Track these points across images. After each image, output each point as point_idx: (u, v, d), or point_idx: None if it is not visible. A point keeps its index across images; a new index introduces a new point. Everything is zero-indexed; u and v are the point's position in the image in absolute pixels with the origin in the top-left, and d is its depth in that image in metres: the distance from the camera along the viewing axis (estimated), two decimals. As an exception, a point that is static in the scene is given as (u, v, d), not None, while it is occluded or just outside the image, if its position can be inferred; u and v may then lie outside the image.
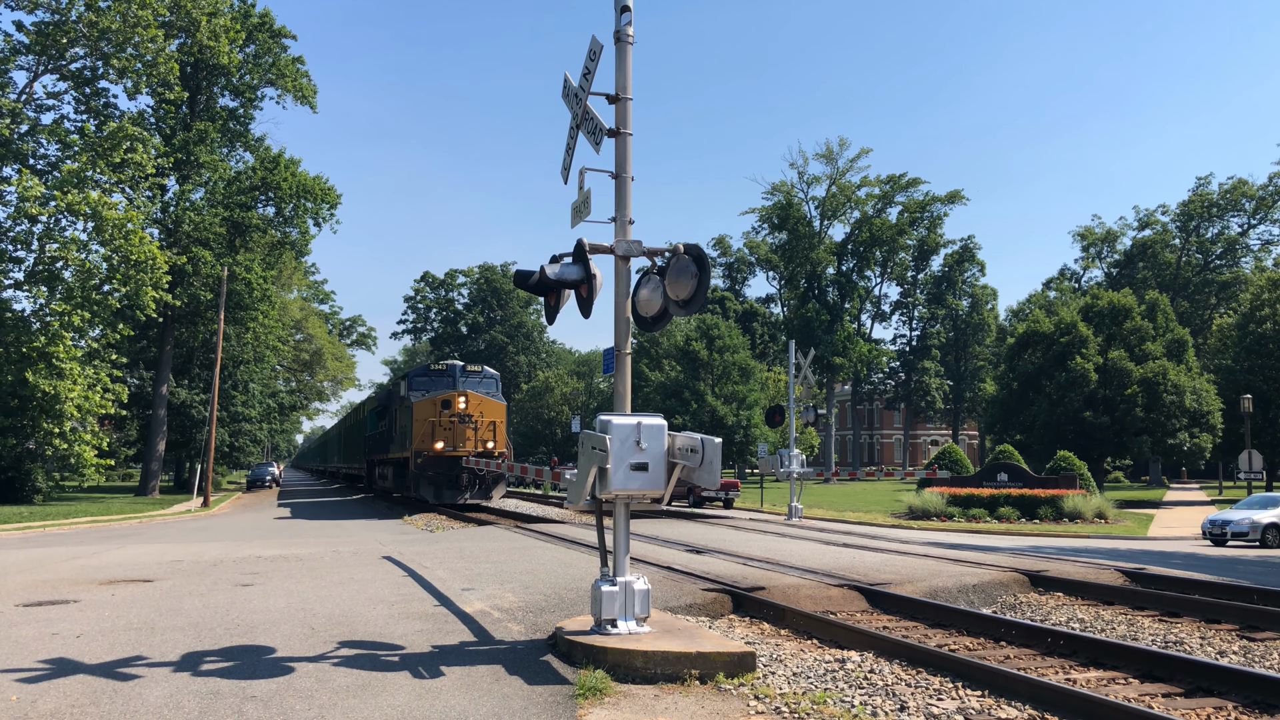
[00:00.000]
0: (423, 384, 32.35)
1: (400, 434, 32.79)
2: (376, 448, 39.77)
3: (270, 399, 64.19)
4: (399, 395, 33.77)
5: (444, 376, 32.51)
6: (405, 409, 31.87)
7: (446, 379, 32.34)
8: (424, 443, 30.01)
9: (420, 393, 31.62)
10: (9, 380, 32.47)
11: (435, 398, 30.69)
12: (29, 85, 39.16)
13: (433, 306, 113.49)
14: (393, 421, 35.17)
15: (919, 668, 7.79)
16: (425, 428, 30.13)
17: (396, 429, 33.99)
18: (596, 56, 8.89)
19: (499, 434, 30.95)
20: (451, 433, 30.06)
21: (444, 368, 33.13)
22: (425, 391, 31.69)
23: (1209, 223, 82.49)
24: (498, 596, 11.08)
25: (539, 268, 9.00)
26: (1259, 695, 6.88)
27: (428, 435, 30.05)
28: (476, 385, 32.23)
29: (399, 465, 33.50)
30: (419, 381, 32.56)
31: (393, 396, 36.58)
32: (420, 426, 30.16)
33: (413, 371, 33.65)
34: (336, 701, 6.58)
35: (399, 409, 33.35)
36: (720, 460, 7.91)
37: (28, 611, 10.44)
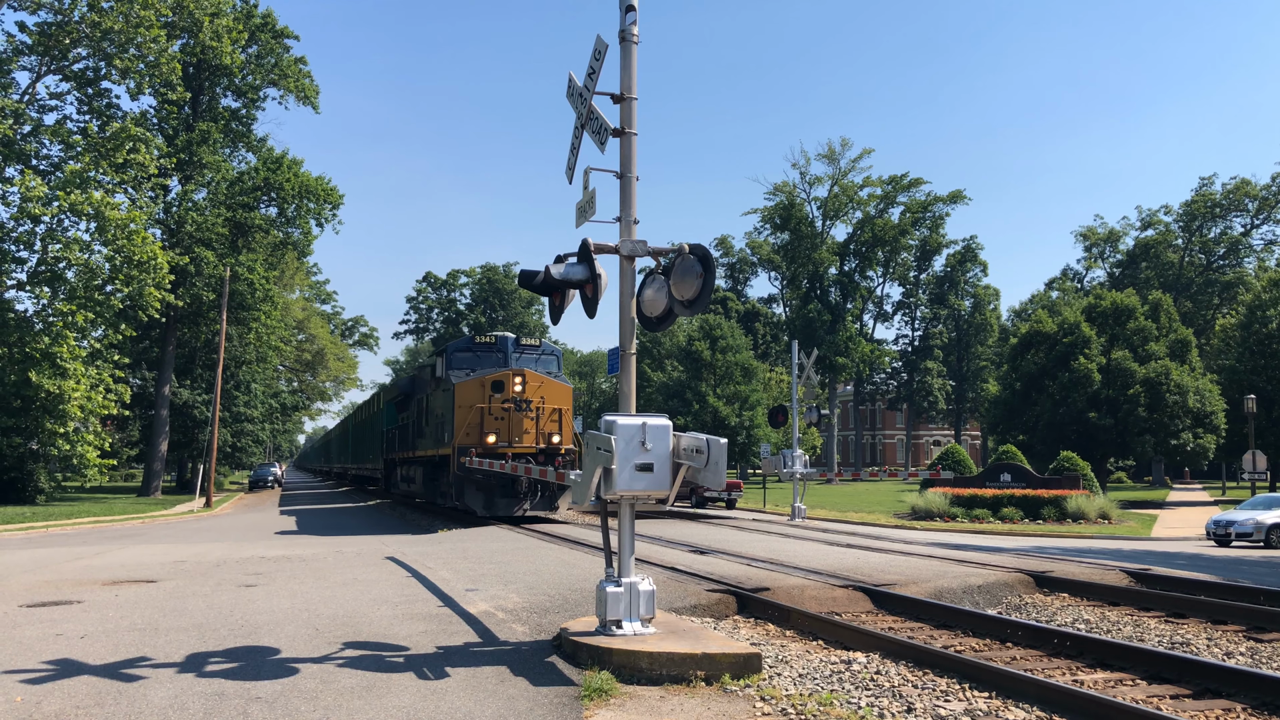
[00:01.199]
0: (465, 360, 25.73)
1: (435, 426, 26.33)
2: (397, 445, 33.93)
3: (272, 399, 64.27)
4: (432, 377, 27.25)
5: (493, 352, 25.93)
6: (443, 394, 25.28)
7: (496, 355, 25.81)
8: (470, 436, 23.54)
9: (463, 371, 25.11)
10: (12, 380, 32.49)
11: (484, 378, 24.14)
12: (32, 86, 39.20)
13: (435, 307, 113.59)
14: (422, 411, 28.68)
15: (925, 669, 7.76)
16: (471, 417, 23.62)
17: (429, 420, 27.50)
18: (601, 56, 8.88)
19: (565, 425, 24.27)
20: (506, 423, 23.62)
21: (492, 340, 26.32)
22: (469, 370, 25.21)
23: (1212, 223, 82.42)
24: (502, 597, 11.05)
25: (544, 268, 8.98)
26: (1267, 697, 6.85)
27: (475, 427, 23.59)
28: (534, 363, 25.74)
29: (432, 466, 26.98)
30: (461, 358, 25.85)
31: (418, 383, 30.91)
32: (465, 415, 23.62)
33: (452, 345, 26.55)
34: (341, 702, 6.56)
35: (433, 395, 26.86)
36: (725, 461, 7.89)
37: (31, 612, 10.43)
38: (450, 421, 24.06)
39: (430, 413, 27.24)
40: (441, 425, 25.21)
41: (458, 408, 23.63)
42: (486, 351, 25.83)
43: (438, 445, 25.67)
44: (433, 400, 26.79)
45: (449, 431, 24.19)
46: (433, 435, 26.51)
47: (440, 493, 26.57)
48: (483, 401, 23.63)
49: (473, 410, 23.58)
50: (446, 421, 24.56)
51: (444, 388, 25.20)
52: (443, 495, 26.20)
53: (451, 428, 23.91)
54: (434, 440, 26.29)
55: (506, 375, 23.94)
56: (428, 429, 27.51)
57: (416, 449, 29.34)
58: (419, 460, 29.26)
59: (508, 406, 23.53)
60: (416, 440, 29.40)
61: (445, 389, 24.97)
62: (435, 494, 27.37)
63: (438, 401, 25.98)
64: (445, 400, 24.87)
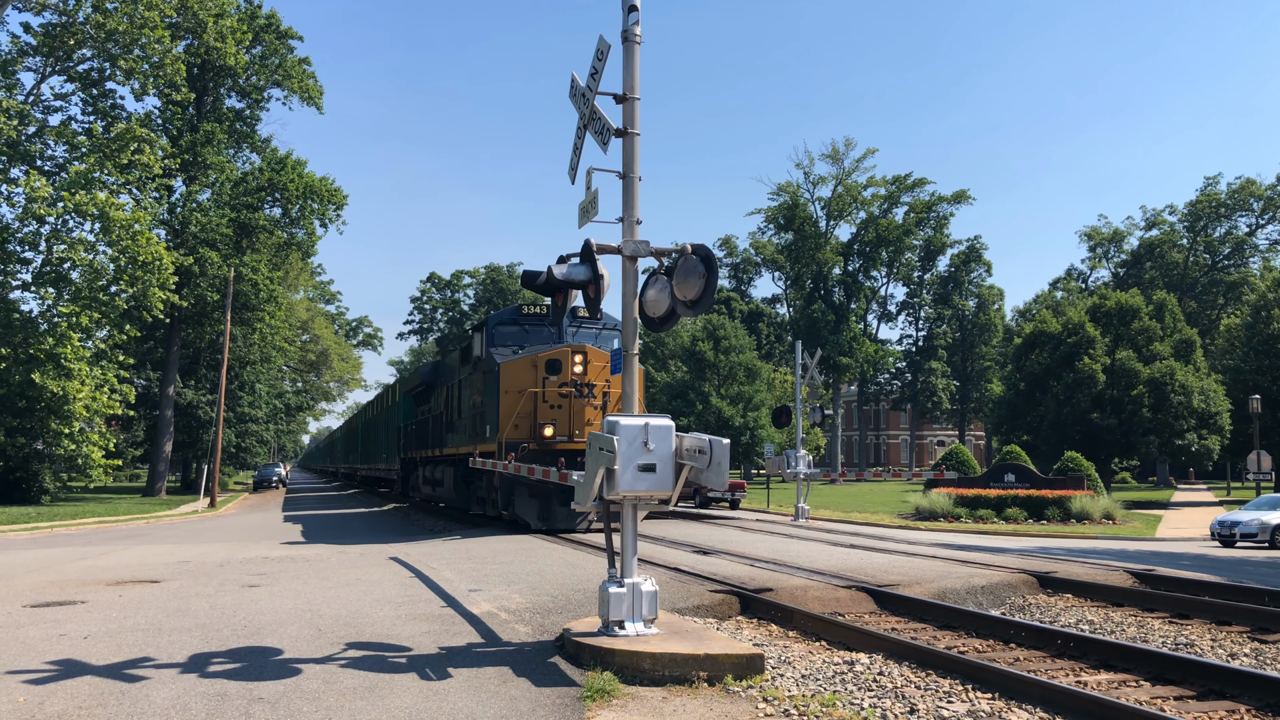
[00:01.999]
0: (510, 336, 21.48)
1: (471, 417, 22.08)
2: (417, 442, 29.88)
3: (277, 399, 64.38)
4: (465, 360, 23.36)
5: (544, 325, 21.78)
6: (483, 377, 21.05)
7: (548, 329, 21.67)
8: (520, 429, 19.52)
9: (509, 348, 20.93)
10: (17, 381, 32.57)
11: (536, 356, 19.95)
12: (36, 87, 39.28)
13: (439, 307, 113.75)
14: (452, 401, 24.46)
15: (928, 670, 7.74)
16: (522, 404, 19.39)
17: (462, 411, 23.26)
18: (604, 56, 8.88)
19: None
20: (565, 413, 19.52)
21: (543, 311, 21.99)
22: (517, 347, 21.18)
23: (1217, 223, 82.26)
24: (505, 598, 11.05)
25: (546, 268, 8.99)
26: (1271, 698, 6.83)
27: (527, 417, 19.43)
28: (594, 339, 21.47)
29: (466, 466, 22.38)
30: (505, 333, 21.51)
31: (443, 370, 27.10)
32: (513, 403, 19.41)
33: (494, 318, 22.06)
34: (344, 703, 6.56)
35: (468, 380, 22.69)
36: (728, 461, 7.88)
37: (35, 612, 10.45)
38: (493, 411, 19.77)
39: (464, 402, 22.95)
40: (480, 416, 20.88)
41: (504, 394, 19.37)
42: (536, 325, 21.50)
43: (475, 440, 21.40)
44: (467, 386, 22.65)
45: (491, 423, 19.93)
46: (468, 428, 22.26)
47: (478, 498, 22.82)
48: (535, 385, 19.54)
49: (523, 397, 19.22)
50: (488, 411, 20.25)
51: (484, 369, 20.82)
52: (481, 501, 22.62)
53: (495, 418, 19.63)
54: (470, 434, 22.01)
55: (565, 353, 19.61)
56: (461, 421, 23.29)
57: (444, 446, 25.29)
58: (447, 460, 25.09)
59: (566, 392, 19.27)
60: (444, 435, 25.35)
61: (486, 371, 20.64)
62: (470, 499, 23.75)
63: (475, 387, 21.79)
64: (486, 385, 20.64)
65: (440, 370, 27.81)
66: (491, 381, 20.16)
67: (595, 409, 19.44)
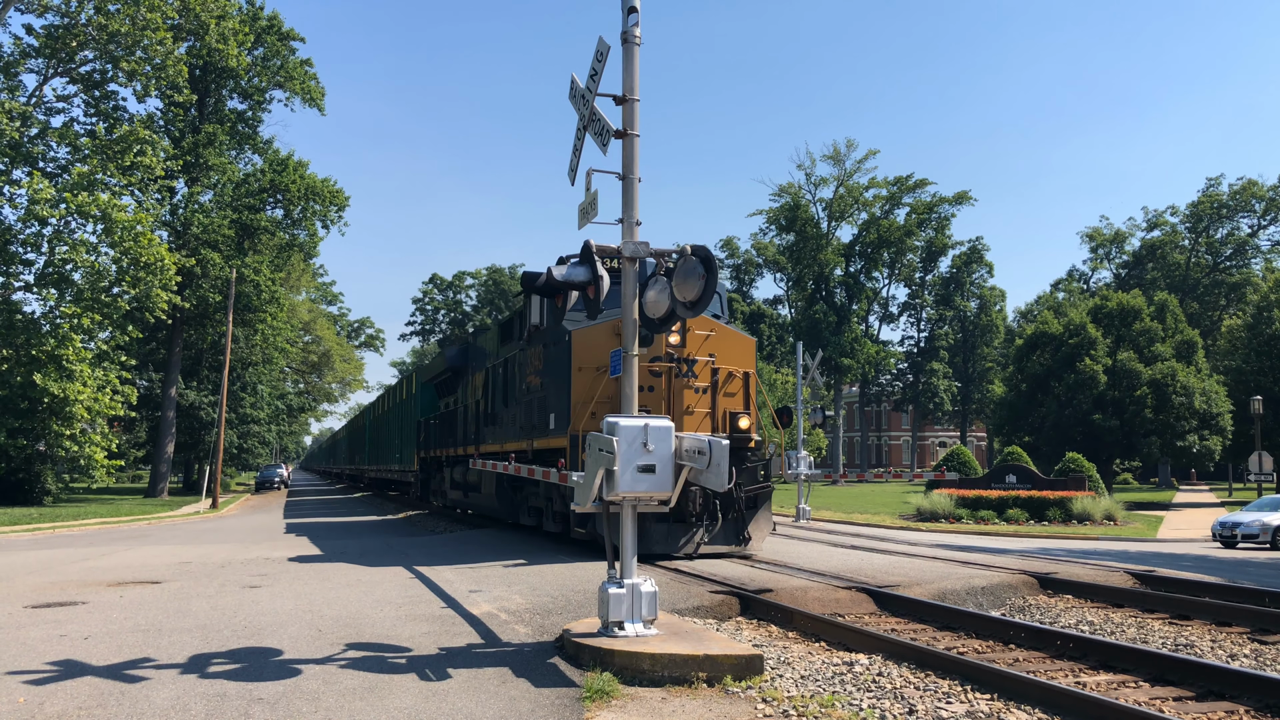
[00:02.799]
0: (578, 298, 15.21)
1: (527, 405, 17.17)
2: (445, 437, 25.08)
3: (279, 400, 64.42)
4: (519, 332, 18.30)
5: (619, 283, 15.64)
6: (547, 350, 16.23)
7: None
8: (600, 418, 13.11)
9: (581, 312, 15.45)
10: (18, 382, 32.62)
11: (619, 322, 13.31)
12: (39, 88, 39.35)
13: (441, 308, 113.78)
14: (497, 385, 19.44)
15: (927, 670, 7.75)
16: (601, 385, 14.58)
17: (510, 397, 18.36)
18: (603, 57, 8.89)
19: (752, 401, 15.63)
20: (659, 396, 14.87)
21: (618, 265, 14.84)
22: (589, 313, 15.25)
23: (1218, 224, 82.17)
24: (505, 599, 11.07)
25: (546, 269, 9.01)
26: (1270, 699, 6.83)
27: (608, 401, 14.52)
28: None
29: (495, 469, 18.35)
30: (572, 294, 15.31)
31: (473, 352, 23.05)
32: (589, 383, 14.73)
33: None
34: (343, 704, 6.58)
35: (524, 356, 17.58)
36: (728, 462, 7.89)
37: (36, 613, 10.47)
38: (561, 395, 15.08)
39: (513, 387, 18.34)
40: (539, 403, 16.13)
41: (576, 372, 14.63)
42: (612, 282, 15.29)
43: (529, 434, 16.71)
44: (519, 366, 17.93)
45: (558, 411, 15.15)
46: (520, 419, 17.47)
47: (529, 508, 17.79)
48: None
49: (602, 376, 14.51)
50: (551, 396, 15.60)
51: (548, 341, 16.15)
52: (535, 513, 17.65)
53: (564, 405, 14.86)
54: (522, 427, 17.27)
55: None
56: (508, 411, 18.55)
57: (482, 442, 20.54)
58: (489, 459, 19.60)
59: (660, 369, 14.62)
60: (481, 430, 20.72)
61: (551, 343, 15.90)
62: (517, 509, 18.69)
63: (531, 366, 17.13)
64: (550, 362, 15.89)
65: (471, 353, 23.61)
66: (559, 356, 15.25)
67: (698, 392, 14.94)
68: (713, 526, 14.72)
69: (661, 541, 14.40)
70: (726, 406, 15.26)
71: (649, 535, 14.36)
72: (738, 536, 14.89)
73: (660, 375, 14.78)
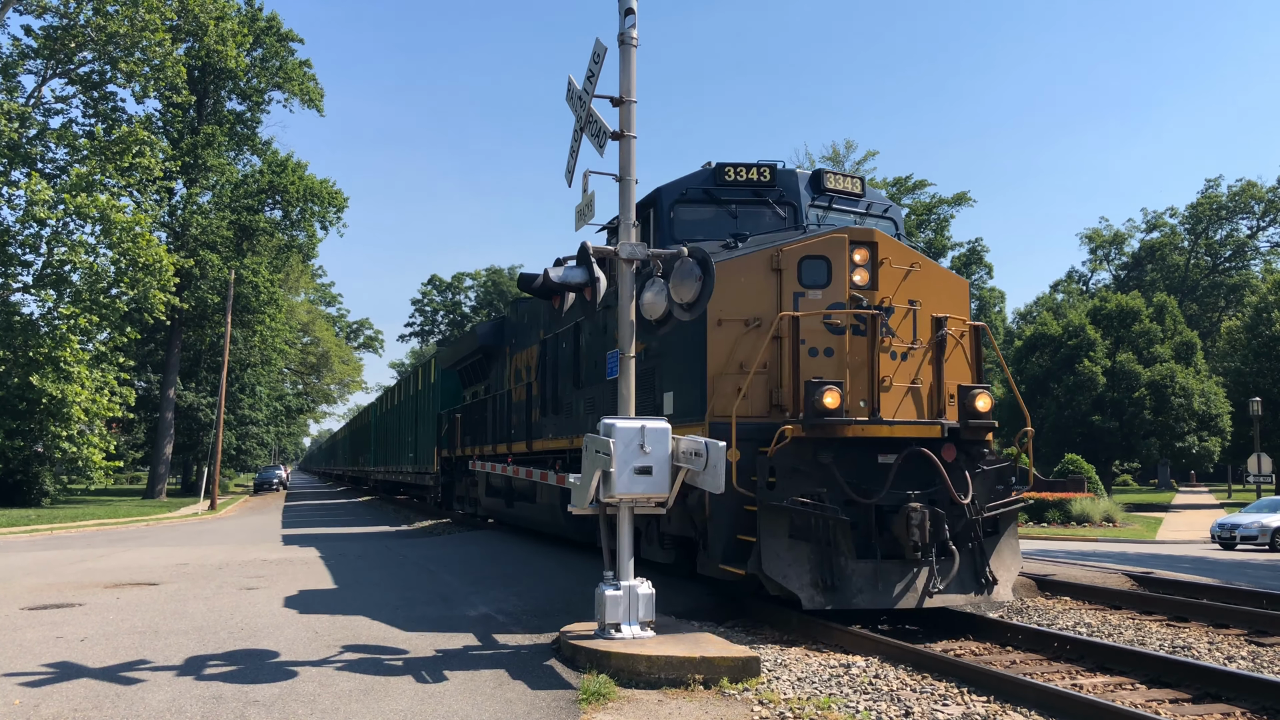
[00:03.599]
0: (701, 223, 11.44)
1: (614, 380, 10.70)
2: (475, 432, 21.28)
3: (277, 402, 64.40)
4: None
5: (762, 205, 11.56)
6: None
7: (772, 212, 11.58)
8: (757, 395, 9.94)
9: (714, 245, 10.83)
10: (16, 383, 32.60)
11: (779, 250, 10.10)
12: (38, 89, 39.37)
13: (440, 309, 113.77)
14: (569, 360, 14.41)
15: (924, 672, 7.74)
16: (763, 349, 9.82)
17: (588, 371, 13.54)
18: (600, 59, 8.89)
19: (972, 365, 10.91)
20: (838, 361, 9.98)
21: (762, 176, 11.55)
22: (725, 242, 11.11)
23: (1217, 225, 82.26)
24: (502, 600, 11.06)
25: (543, 271, 9.01)
26: (1267, 701, 6.82)
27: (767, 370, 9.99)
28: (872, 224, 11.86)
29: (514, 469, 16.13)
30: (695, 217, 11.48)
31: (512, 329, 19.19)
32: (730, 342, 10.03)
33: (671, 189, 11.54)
34: (339, 706, 6.57)
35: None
36: (724, 464, 7.89)
37: (33, 615, 10.46)
38: (690, 361, 10.42)
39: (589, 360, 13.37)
40: (644, 377, 11.21)
41: (714, 327, 9.99)
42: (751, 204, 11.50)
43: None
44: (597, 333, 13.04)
45: (679, 387, 10.71)
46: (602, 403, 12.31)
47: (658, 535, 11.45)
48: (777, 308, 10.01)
49: (756, 333, 9.95)
50: (666, 366, 11.07)
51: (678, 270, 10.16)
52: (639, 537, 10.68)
53: (693, 376, 10.30)
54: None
55: (833, 242, 10.17)
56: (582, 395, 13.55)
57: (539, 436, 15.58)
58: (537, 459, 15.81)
59: (840, 322, 9.99)
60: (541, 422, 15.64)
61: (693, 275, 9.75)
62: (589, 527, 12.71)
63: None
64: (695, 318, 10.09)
65: (508, 330, 19.45)
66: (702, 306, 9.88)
67: (895, 358, 10.11)
68: (947, 566, 9.52)
69: (867, 588, 9.23)
70: (950, 377, 10.39)
71: (847, 579, 9.18)
72: (977, 579, 9.63)
73: (843, 331, 9.83)
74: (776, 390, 9.91)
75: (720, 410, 9.70)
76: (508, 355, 19.32)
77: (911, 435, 9.75)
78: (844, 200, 11.97)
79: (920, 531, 9.20)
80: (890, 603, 9.33)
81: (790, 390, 9.81)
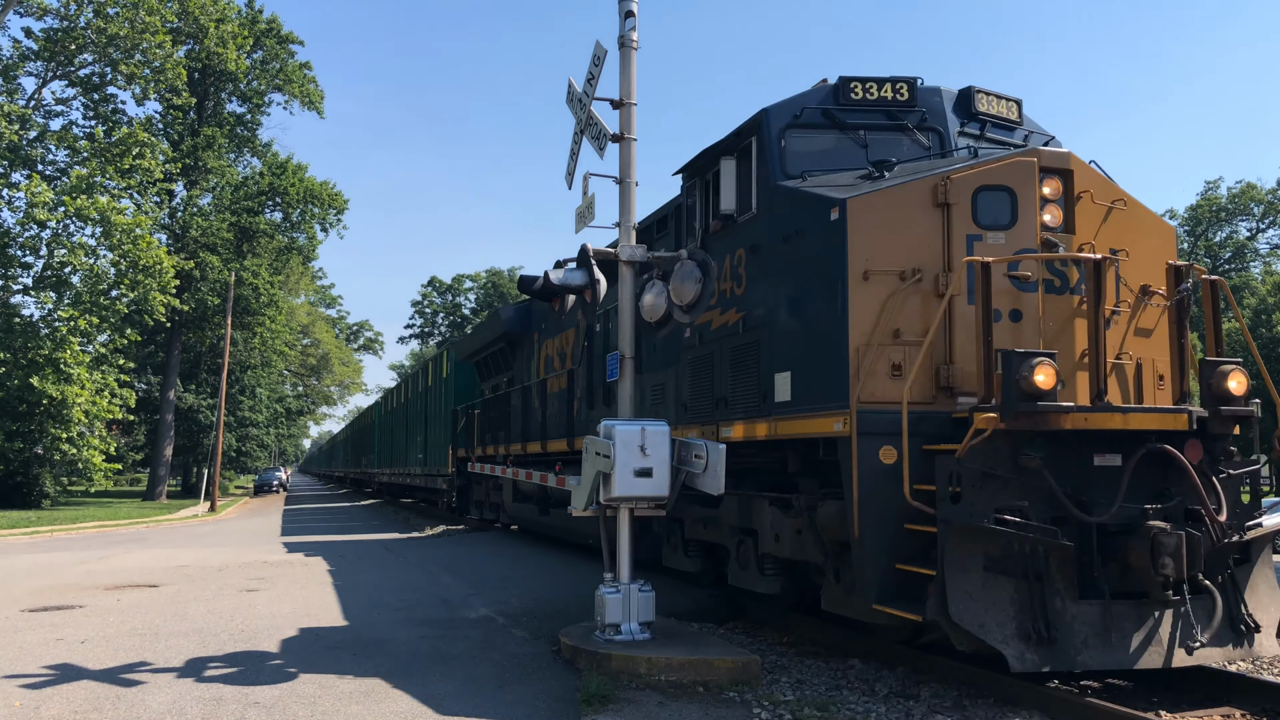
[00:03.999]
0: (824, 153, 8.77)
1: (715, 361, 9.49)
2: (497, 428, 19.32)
3: (277, 404, 64.39)
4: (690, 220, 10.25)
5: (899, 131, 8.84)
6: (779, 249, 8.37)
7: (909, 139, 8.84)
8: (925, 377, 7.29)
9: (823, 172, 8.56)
10: (16, 385, 32.60)
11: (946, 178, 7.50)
12: (38, 91, 39.39)
13: (440, 311, 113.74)
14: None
15: (924, 675, 7.74)
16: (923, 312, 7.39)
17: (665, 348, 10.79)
18: (600, 62, 8.91)
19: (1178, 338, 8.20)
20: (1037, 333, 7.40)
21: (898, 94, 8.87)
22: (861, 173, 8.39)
23: (1217, 227, 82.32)
24: (503, 602, 11.07)
25: (543, 273, 9.02)
26: (1267, 703, 6.82)
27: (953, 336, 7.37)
28: None
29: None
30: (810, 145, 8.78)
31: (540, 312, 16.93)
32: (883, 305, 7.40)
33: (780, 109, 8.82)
34: (339, 708, 6.58)
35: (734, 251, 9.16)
36: (724, 465, 7.88)
37: (33, 617, 10.46)
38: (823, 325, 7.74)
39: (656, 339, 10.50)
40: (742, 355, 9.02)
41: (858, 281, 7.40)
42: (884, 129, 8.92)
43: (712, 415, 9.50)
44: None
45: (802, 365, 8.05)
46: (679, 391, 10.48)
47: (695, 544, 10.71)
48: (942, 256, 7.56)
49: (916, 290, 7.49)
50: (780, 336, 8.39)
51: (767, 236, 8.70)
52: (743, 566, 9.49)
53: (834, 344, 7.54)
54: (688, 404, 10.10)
55: (1016, 168, 7.69)
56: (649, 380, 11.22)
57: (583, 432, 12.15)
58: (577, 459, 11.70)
59: (1029, 276, 7.46)
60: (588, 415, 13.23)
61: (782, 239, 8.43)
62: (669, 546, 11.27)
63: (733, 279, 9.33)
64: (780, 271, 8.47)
65: (535, 314, 17.54)
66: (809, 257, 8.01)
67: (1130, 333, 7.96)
68: (1203, 607, 6.97)
69: (1095, 641, 6.70)
70: (1155, 351, 8.14)
71: (1067, 628, 6.69)
72: (1234, 625, 7.12)
73: (1033, 288, 7.48)
74: (945, 367, 7.36)
75: (874, 393, 7.25)
76: (536, 343, 17.31)
77: (1151, 427, 7.08)
78: (999, 128, 9.40)
79: (1175, 562, 6.60)
80: (1128, 661, 6.72)
81: (976, 366, 7.23)
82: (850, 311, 7.39)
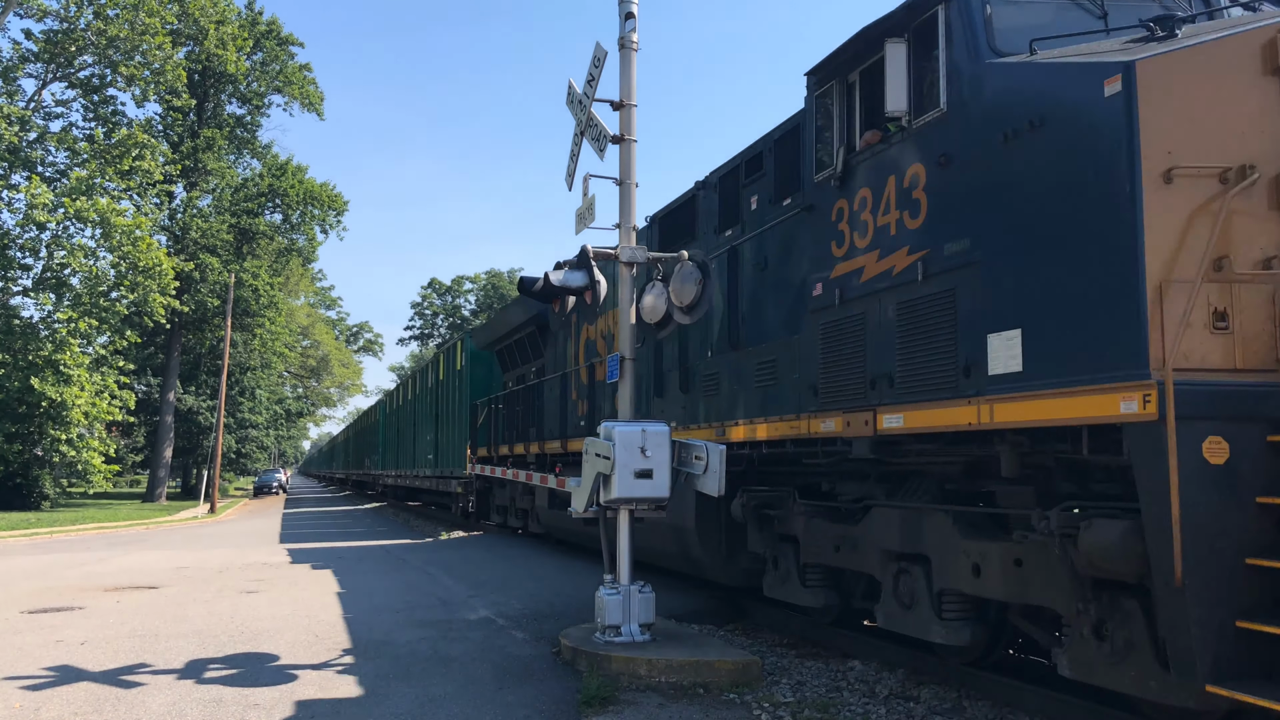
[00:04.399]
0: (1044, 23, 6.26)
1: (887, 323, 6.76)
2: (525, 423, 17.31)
3: (277, 405, 64.39)
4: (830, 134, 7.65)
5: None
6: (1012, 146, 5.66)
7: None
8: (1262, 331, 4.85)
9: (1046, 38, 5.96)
10: (16, 387, 32.59)
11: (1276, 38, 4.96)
12: (38, 93, 39.37)
13: (439, 313, 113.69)
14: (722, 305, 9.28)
15: (925, 677, 7.74)
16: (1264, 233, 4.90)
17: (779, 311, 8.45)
18: (601, 63, 8.91)
19: None
20: None
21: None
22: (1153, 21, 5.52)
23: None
24: (502, 604, 11.06)
25: (543, 274, 9.01)
26: (1268, 705, 6.80)
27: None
28: None
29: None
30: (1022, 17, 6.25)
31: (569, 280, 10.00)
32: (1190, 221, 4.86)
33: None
34: (340, 709, 6.57)
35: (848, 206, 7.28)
36: (724, 467, 7.88)
37: (32, 618, 10.45)
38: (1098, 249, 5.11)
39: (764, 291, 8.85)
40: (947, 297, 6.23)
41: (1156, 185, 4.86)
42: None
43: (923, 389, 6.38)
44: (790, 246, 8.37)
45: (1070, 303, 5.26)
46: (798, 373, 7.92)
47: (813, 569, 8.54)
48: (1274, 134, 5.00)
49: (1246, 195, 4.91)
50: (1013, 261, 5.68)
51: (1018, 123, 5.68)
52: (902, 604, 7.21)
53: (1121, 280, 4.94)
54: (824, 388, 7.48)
55: None
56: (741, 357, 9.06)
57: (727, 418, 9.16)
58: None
59: None
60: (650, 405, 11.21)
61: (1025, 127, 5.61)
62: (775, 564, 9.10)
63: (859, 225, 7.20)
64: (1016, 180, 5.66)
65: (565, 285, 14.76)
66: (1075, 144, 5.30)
67: None
68: None
69: None
70: None
71: None
72: None
73: None
74: None
75: (1189, 355, 4.84)
76: (573, 325, 14.82)
77: None
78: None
79: None
80: None
81: None
82: (1146, 229, 4.87)
